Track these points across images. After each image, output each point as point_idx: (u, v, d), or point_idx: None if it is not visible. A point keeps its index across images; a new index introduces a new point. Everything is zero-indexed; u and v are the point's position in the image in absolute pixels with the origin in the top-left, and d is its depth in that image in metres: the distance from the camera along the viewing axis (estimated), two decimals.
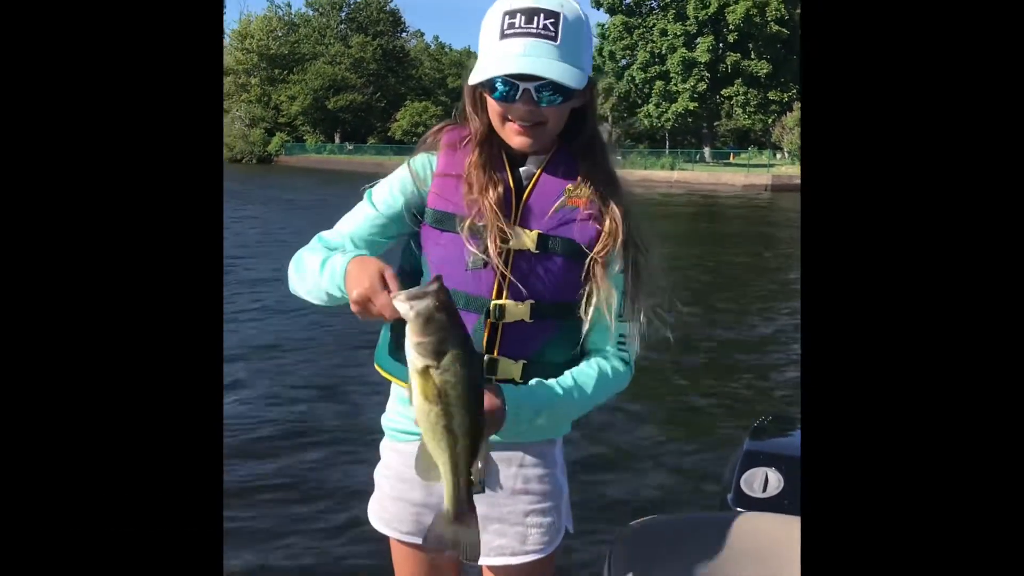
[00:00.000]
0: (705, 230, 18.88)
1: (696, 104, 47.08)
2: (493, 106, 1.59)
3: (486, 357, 1.61)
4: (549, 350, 1.63)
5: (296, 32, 74.25)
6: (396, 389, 1.75)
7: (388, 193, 1.68)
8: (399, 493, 1.74)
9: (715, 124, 53.52)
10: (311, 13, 77.06)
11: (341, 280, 1.49)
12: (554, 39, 1.50)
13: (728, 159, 48.86)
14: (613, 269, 1.61)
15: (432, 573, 1.79)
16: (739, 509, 2.08)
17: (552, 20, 1.50)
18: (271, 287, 9.99)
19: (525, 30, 1.50)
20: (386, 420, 1.78)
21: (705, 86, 46.93)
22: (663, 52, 48.43)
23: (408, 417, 1.70)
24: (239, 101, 70.38)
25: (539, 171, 1.63)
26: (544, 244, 1.59)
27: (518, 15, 1.51)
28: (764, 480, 2.12)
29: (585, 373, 1.62)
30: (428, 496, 1.71)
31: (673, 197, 31.24)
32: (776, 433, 2.61)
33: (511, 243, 1.58)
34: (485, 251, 1.56)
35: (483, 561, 1.70)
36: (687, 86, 46.98)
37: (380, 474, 1.80)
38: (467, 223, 1.57)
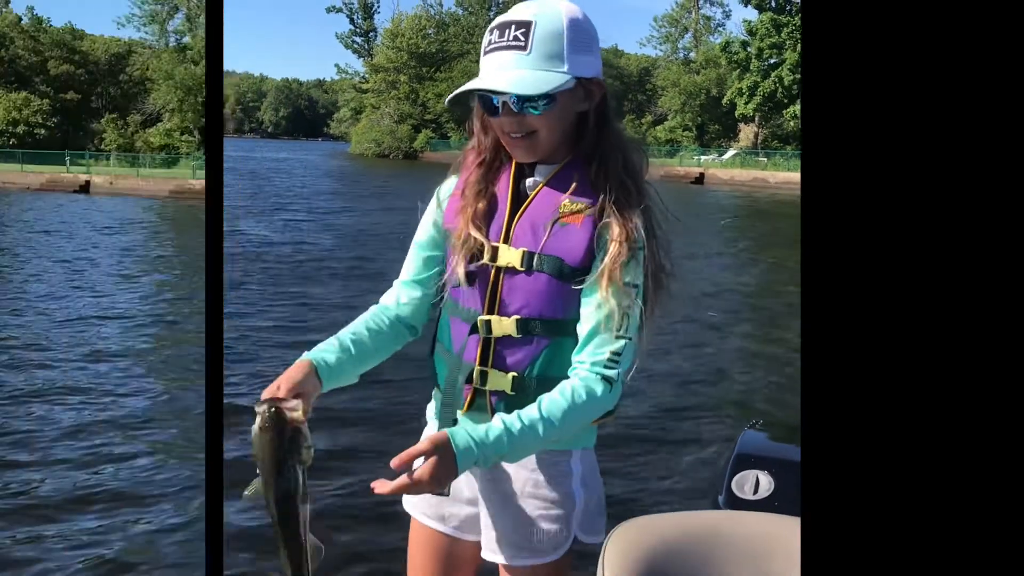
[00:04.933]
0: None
1: None
2: (493, 121, 1.61)
3: (478, 368, 1.63)
4: (540, 365, 1.61)
5: (445, 31, 75.77)
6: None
7: (423, 227, 1.75)
8: None
9: None
10: (460, 12, 78.51)
11: None
12: (523, 48, 1.52)
13: None
14: (618, 284, 1.54)
15: (447, 562, 1.81)
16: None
17: (523, 30, 1.52)
18: None
19: (498, 44, 1.55)
20: (430, 409, 1.82)
21: None
22: None
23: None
24: (388, 98, 72.55)
25: (541, 185, 1.63)
26: (529, 262, 1.59)
27: (495, 31, 1.56)
28: (755, 482, 2.17)
29: (555, 403, 1.52)
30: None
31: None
32: (767, 436, 2.62)
33: (499, 260, 1.60)
34: (470, 263, 1.60)
35: (489, 557, 1.73)
36: None
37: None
38: (453, 238, 1.64)
